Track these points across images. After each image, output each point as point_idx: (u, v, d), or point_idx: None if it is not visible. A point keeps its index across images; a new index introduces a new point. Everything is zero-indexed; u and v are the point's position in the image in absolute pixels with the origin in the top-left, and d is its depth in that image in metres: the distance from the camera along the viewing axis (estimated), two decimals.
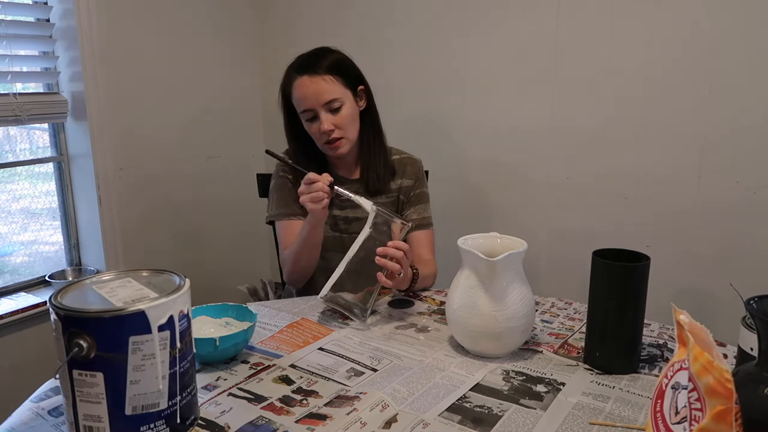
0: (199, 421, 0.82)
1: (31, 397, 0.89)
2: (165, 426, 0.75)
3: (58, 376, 0.72)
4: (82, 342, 0.68)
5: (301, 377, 0.95)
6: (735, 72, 1.56)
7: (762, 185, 1.57)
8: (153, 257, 2.11)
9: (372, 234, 1.15)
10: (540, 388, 0.91)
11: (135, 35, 2.00)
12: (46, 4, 1.86)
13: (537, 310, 1.21)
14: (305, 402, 0.88)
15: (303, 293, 1.46)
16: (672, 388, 0.66)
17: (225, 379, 0.94)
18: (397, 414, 0.84)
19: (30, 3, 1.86)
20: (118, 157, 1.99)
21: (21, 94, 1.79)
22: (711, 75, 1.59)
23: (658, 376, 0.94)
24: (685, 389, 0.62)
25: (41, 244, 2.02)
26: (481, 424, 0.82)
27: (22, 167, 1.94)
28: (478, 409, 0.85)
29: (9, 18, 1.78)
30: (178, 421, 0.76)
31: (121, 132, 1.99)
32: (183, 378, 0.76)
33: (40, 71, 1.90)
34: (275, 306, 1.25)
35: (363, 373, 0.96)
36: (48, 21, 1.86)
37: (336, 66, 1.31)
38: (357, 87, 1.35)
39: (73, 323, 0.69)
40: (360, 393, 0.90)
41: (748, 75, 1.54)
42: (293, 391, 0.91)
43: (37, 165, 1.98)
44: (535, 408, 0.86)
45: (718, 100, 1.59)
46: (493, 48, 1.90)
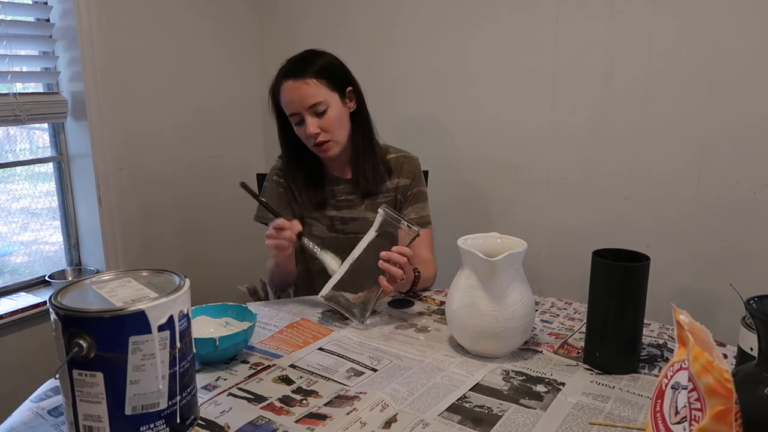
0: (199, 421, 0.82)
1: (31, 397, 0.89)
2: (165, 426, 0.75)
3: (58, 376, 0.72)
4: (82, 342, 0.68)
5: (301, 377, 0.95)
6: (735, 72, 1.56)
7: (762, 185, 1.57)
8: (153, 257, 2.11)
9: (378, 236, 1.15)
10: (540, 388, 0.91)
11: (135, 35, 2.00)
12: (46, 4, 1.86)
13: (537, 310, 1.21)
14: (305, 402, 0.88)
15: (303, 293, 1.46)
16: (672, 388, 0.66)
17: (225, 379, 0.94)
18: (397, 414, 0.84)
19: (30, 3, 1.86)
20: (118, 157, 1.99)
21: (21, 94, 1.79)
22: (711, 75, 1.59)
23: (658, 376, 0.94)
24: (685, 389, 0.62)
25: (41, 244, 2.02)
26: (481, 424, 0.82)
27: (22, 167, 1.94)
28: (478, 409, 0.85)
29: (9, 18, 1.77)
30: (178, 421, 0.76)
31: (121, 132, 1.99)
32: (183, 378, 0.76)
33: (40, 71, 1.90)
34: (275, 306, 1.25)
35: (363, 373, 0.96)
36: (48, 21, 1.86)
37: (322, 69, 1.31)
38: (345, 89, 1.35)
39: (73, 323, 0.69)
40: (360, 393, 0.90)
41: (748, 75, 1.54)
42: (293, 391, 0.91)
43: (37, 165, 1.98)
44: (535, 408, 0.86)
45: (718, 100, 1.59)
46: (494, 47, 1.90)
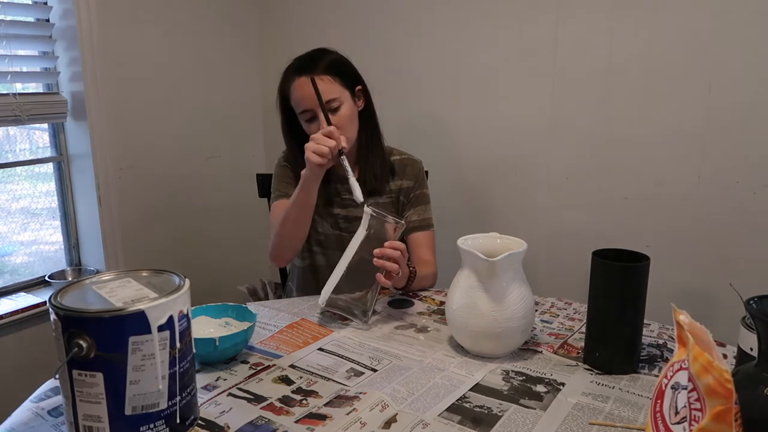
0: (199, 421, 0.82)
1: (31, 397, 0.89)
2: (165, 426, 0.75)
3: (57, 376, 0.72)
4: (81, 342, 0.68)
5: (301, 377, 0.95)
6: (735, 72, 1.55)
7: (762, 185, 1.57)
8: (153, 257, 2.11)
9: (368, 235, 1.15)
10: (540, 388, 0.91)
11: (135, 35, 2.00)
12: (46, 4, 1.86)
13: (537, 310, 1.21)
14: (305, 402, 0.88)
15: (303, 293, 1.46)
16: (672, 388, 0.66)
17: (225, 379, 0.94)
18: (397, 414, 0.84)
19: (30, 3, 1.86)
20: (118, 157, 1.99)
21: (21, 94, 1.79)
22: (711, 74, 1.58)
23: (657, 376, 0.94)
24: (685, 389, 0.62)
25: (41, 244, 2.02)
26: (481, 424, 0.82)
27: (21, 167, 1.94)
28: (477, 409, 0.85)
29: (9, 18, 1.77)
30: (177, 421, 0.76)
31: (121, 132, 1.99)
32: (183, 378, 0.76)
33: (40, 71, 1.90)
34: (275, 306, 1.25)
35: (363, 374, 0.96)
36: (48, 21, 1.86)
37: (334, 66, 1.31)
38: (355, 87, 1.35)
39: (73, 323, 0.69)
40: (360, 393, 0.90)
41: (748, 75, 1.54)
42: (293, 391, 0.91)
43: (37, 165, 1.98)
44: (535, 408, 0.86)
45: (718, 99, 1.59)
46: (493, 48, 1.90)
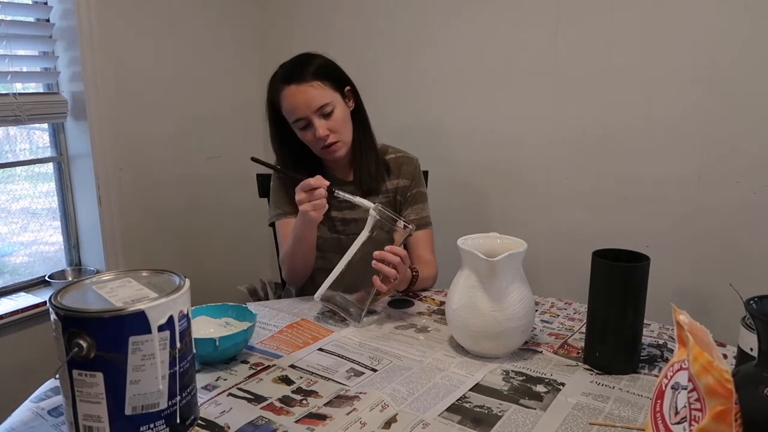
0: (199, 421, 0.82)
1: (31, 397, 0.89)
2: (165, 426, 0.75)
3: (58, 376, 0.72)
4: (81, 342, 0.68)
5: (301, 377, 0.95)
6: (735, 72, 1.56)
7: (762, 186, 1.57)
8: (153, 257, 2.11)
9: (371, 236, 1.15)
10: (540, 388, 0.91)
11: (135, 35, 2.00)
12: (46, 4, 1.86)
13: (537, 310, 1.21)
14: (305, 402, 0.88)
15: (303, 293, 1.46)
16: (672, 388, 0.66)
17: (225, 379, 0.94)
18: (397, 414, 0.84)
19: (30, 3, 1.86)
20: (118, 157, 1.99)
21: (21, 94, 1.79)
22: (711, 75, 1.59)
23: (657, 376, 0.94)
24: (685, 389, 0.62)
25: (41, 244, 2.02)
26: (481, 424, 0.82)
27: (21, 167, 1.94)
28: (477, 409, 0.85)
29: (9, 18, 1.77)
30: (177, 421, 0.76)
31: (121, 132, 1.99)
32: (183, 378, 0.76)
33: (40, 71, 1.90)
34: (275, 306, 1.25)
35: (363, 374, 0.96)
36: (48, 21, 1.86)
37: (321, 71, 1.30)
38: (344, 88, 1.35)
39: (73, 323, 0.69)
40: (360, 393, 0.90)
41: (748, 75, 1.54)
42: (293, 391, 0.91)
43: (37, 165, 1.98)
44: (535, 408, 0.86)
45: (718, 100, 1.59)
46: (493, 49, 1.90)
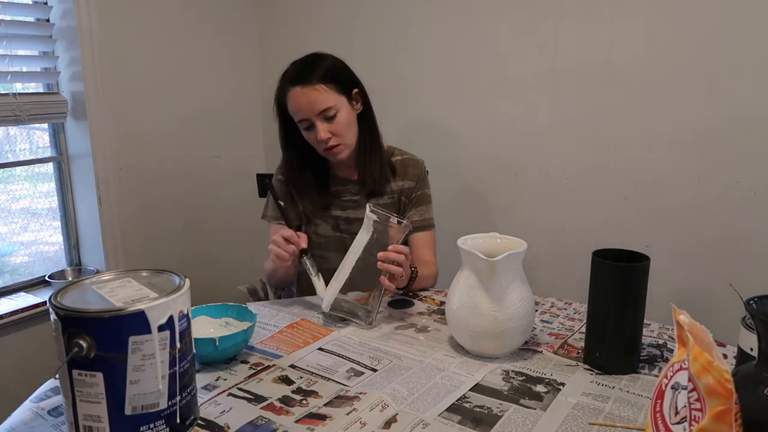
0: (199, 421, 0.82)
1: (31, 397, 0.89)
2: (165, 426, 0.75)
3: (58, 376, 0.72)
4: (81, 342, 0.68)
5: (301, 377, 0.95)
6: (735, 71, 1.55)
7: (762, 185, 1.57)
8: (153, 257, 2.11)
9: (372, 238, 1.15)
10: (540, 388, 0.91)
11: (135, 35, 2.00)
12: (46, 4, 1.86)
13: (537, 310, 1.21)
14: (305, 402, 0.88)
15: (304, 293, 1.46)
16: (672, 388, 0.66)
17: (225, 379, 0.94)
18: (397, 414, 0.84)
19: (30, 3, 1.86)
20: (118, 157, 1.99)
21: (21, 94, 1.79)
22: (711, 74, 1.58)
23: (657, 376, 0.94)
24: (685, 389, 0.62)
25: (41, 244, 2.02)
26: (481, 424, 0.82)
27: (22, 167, 1.94)
28: (477, 409, 0.85)
29: (9, 18, 1.77)
30: (177, 421, 0.76)
31: (121, 132, 1.99)
32: (183, 378, 0.76)
33: (40, 71, 1.90)
34: (275, 306, 1.25)
35: (363, 373, 0.96)
36: (48, 21, 1.86)
37: (329, 73, 1.30)
38: (352, 91, 1.34)
39: (73, 323, 0.69)
40: (360, 393, 0.90)
41: (748, 75, 1.54)
42: (293, 391, 0.91)
43: (37, 165, 1.98)
44: (535, 408, 0.86)
45: (718, 99, 1.59)
46: (494, 47, 1.90)
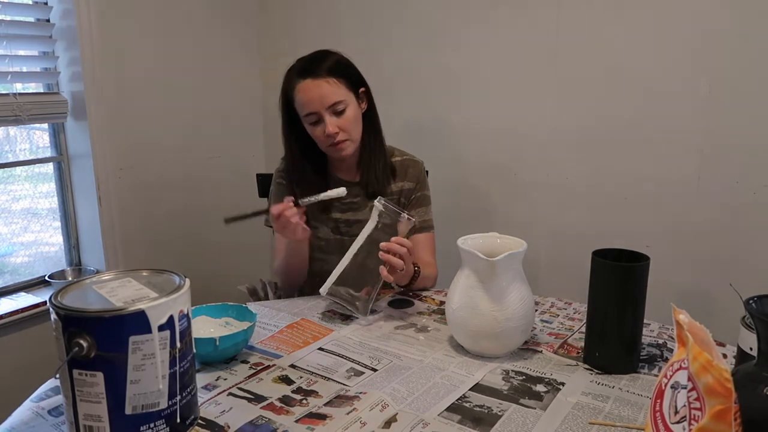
0: (199, 421, 0.82)
1: (31, 397, 0.89)
2: (165, 426, 0.75)
3: (58, 375, 0.72)
4: (82, 342, 0.68)
5: (301, 377, 0.95)
6: (735, 72, 1.56)
7: (762, 185, 1.57)
8: (153, 257, 2.11)
9: (377, 228, 1.15)
10: (540, 387, 0.91)
11: (135, 35, 2.00)
12: (46, 4, 1.86)
13: (537, 310, 1.21)
14: (305, 402, 0.88)
15: (303, 294, 1.46)
16: (671, 387, 0.66)
17: (225, 379, 0.94)
18: (397, 414, 0.84)
19: (30, 3, 1.87)
20: (118, 157, 1.99)
21: (21, 94, 1.79)
22: (711, 75, 1.59)
23: (657, 375, 0.94)
24: (685, 389, 0.62)
25: (41, 244, 2.02)
26: (481, 423, 0.82)
27: (22, 168, 1.94)
28: (477, 409, 0.85)
29: (9, 18, 1.77)
30: (178, 421, 0.76)
31: (121, 132, 1.99)
32: (183, 378, 0.76)
33: (40, 71, 1.90)
34: (275, 306, 1.25)
35: (363, 373, 0.96)
36: (48, 21, 1.86)
37: (338, 68, 1.31)
38: (358, 89, 1.35)
39: (73, 323, 0.69)
40: (360, 393, 0.90)
41: (748, 75, 1.54)
42: (293, 391, 0.91)
43: (37, 165, 1.98)
44: (535, 408, 0.86)
45: (718, 100, 1.59)
46: (493, 48, 1.90)
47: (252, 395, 0.89)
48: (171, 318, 0.73)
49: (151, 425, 0.74)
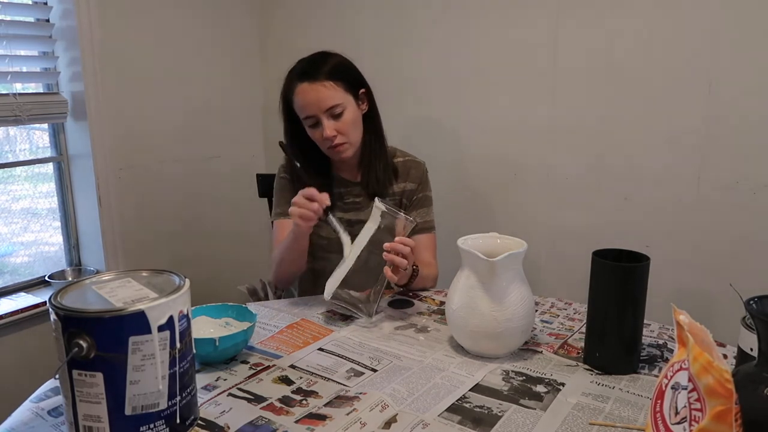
0: (199, 421, 0.82)
1: (31, 397, 0.89)
2: (165, 426, 0.75)
3: (57, 376, 0.72)
4: (81, 342, 0.68)
5: (301, 377, 0.95)
6: (735, 71, 1.55)
7: (762, 185, 1.57)
8: (153, 257, 2.11)
9: (379, 229, 1.16)
10: (540, 388, 0.91)
11: (135, 35, 2.00)
12: (46, 4, 1.86)
13: (537, 310, 1.21)
14: (305, 402, 0.88)
15: (304, 294, 1.46)
16: (672, 388, 0.66)
17: (225, 380, 0.94)
18: (397, 414, 0.84)
19: (30, 3, 1.86)
20: (118, 157, 1.99)
21: (21, 94, 1.79)
22: (711, 74, 1.58)
23: (657, 376, 0.94)
24: (685, 389, 0.62)
25: (41, 244, 2.02)
26: (481, 424, 0.82)
27: (21, 168, 1.94)
28: (477, 410, 0.85)
29: (9, 18, 1.77)
30: (177, 421, 0.76)
31: (121, 132, 1.99)
32: (183, 378, 0.76)
33: (40, 71, 1.90)
34: (275, 306, 1.25)
35: (363, 374, 0.96)
36: (48, 21, 1.86)
37: (337, 71, 1.30)
38: (358, 90, 1.35)
39: (73, 323, 0.69)
40: (360, 393, 0.90)
41: (748, 75, 1.54)
42: (293, 392, 0.91)
43: (37, 165, 1.98)
44: (535, 408, 0.86)
45: (717, 99, 1.59)
46: (494, 46, 1.90)
47: (252, 396, 0.89)
48: (171, 318, 0.73)
49: (151, 426, 0.73)
